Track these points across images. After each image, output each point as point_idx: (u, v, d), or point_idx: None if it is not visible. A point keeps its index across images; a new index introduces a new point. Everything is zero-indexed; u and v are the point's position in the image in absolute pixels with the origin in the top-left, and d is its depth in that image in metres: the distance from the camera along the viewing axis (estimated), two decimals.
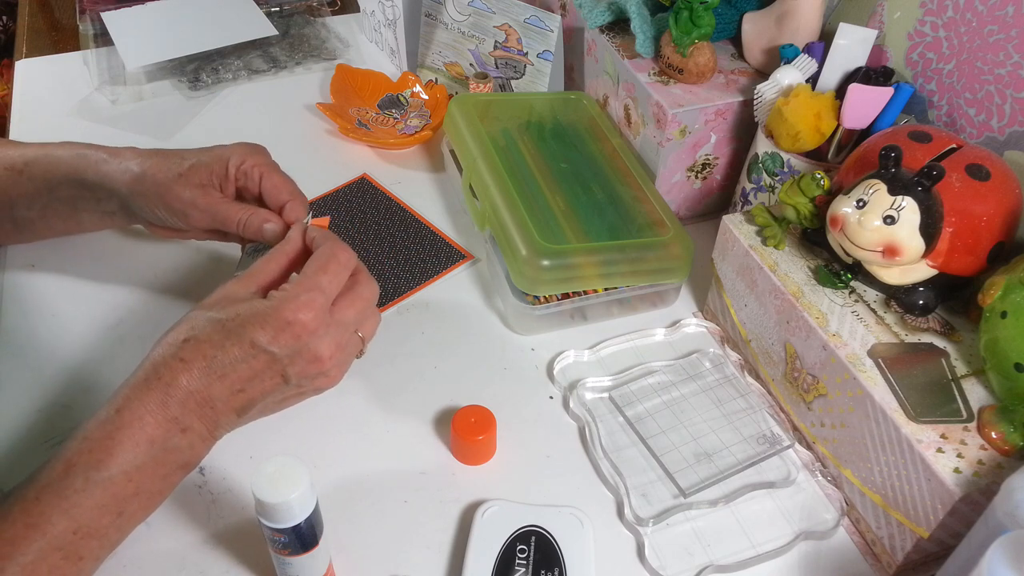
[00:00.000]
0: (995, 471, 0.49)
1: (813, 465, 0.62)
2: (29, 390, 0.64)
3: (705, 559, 0.56)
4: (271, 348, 0.50)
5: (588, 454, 0.63)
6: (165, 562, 0.55)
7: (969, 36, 0.65)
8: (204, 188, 0.62)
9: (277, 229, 0.61)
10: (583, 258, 0.68)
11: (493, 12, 0.89)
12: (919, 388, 0.53)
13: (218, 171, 0.62)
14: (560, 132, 0.83)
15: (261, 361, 0.50)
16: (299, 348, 0.51)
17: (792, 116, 0.67)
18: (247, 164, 0.62)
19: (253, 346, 0.50)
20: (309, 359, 0.51)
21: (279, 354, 0.50)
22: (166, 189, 0.61)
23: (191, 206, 0.61)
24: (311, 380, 0.53)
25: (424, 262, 0.77)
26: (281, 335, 0.50)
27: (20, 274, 0.74)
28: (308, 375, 0.52)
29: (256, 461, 0.60)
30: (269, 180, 0.62)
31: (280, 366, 0.51)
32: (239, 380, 0.50)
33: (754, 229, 0.65)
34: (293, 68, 1.02)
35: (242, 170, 0.63)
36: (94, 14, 1.04)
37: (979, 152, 0.57)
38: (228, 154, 0.63)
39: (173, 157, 0.63)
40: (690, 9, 0.73)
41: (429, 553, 0.56)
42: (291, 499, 0.45)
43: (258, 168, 0.63)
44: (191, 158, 0.63)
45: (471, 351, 0.70)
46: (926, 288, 0.57)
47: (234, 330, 0.50)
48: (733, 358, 0.70)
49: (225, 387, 0.50)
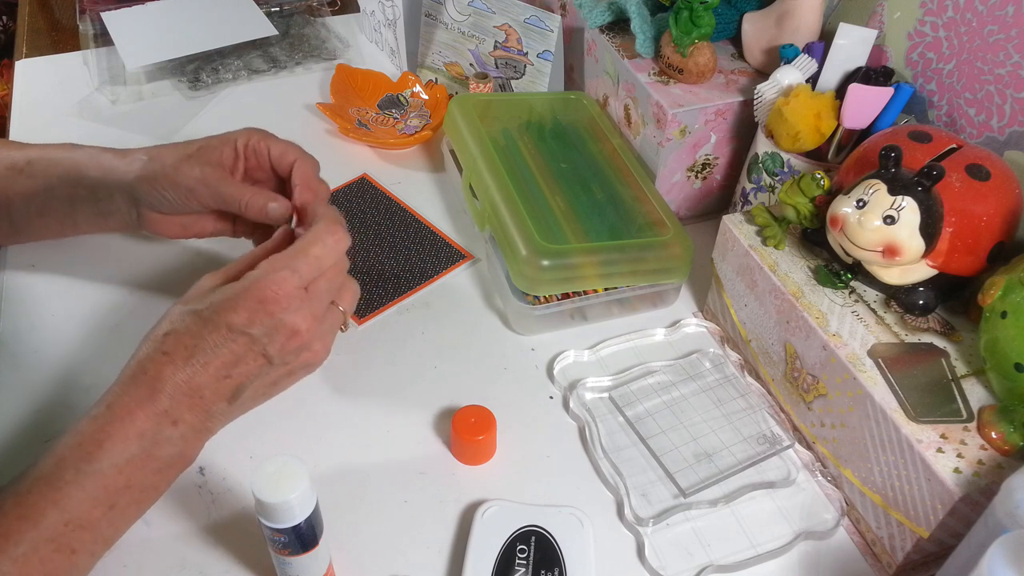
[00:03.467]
0: (995, 471, 0.49)
1: (813, 465, 0.62)
2: (29, 390, 0.64)
3: (705, 559, 0.56)
4: (248, 329, 0.51)
5: (588, 454, 0.63)
6: (165, 562, 0.55)
7: (969, 36, 0.65)
8: (213, 166, 0.63)
9: (281, 209, 0.61)
10: (583, 258, 0.68)
11: (493, 12, 0.89)
12: (919, 388, 0.53)
13: (227, 151, 0.63)
14: (560, 132, 0.83)
15: (240, 344, 0.51)
16: (275, 324, 0.51)
17: (792, 116, 0.67)
18: (254, 140, 0.64)
19: (230, 330, 0.51)
20: (287, 334, 0.52)
21: (256, 333, 0.51)
22: (175, 169, 0.62)
23: (200, 182, 0.62)
24: (295, 356, 0.53)
25: (424, 262, 0.77)
26: (255, 315, 0.51)
27: (20, 274, 0.74)
28: (290, 350, 0.53)
29: (256, 461, 0.60)
30: (276, 147, 0.64)
31: (260, 346, 0.51)
32: (223, 366, 0.51)
33: (754, 229, 0.65)
34: (293, 68, 1.02)
35: (250, 147, 0.64)
36: (94, 14, 1.04)
37: (979, 152, 0.57)
38: (235, 135, 0.64)
39: (182, 143, 0.64)
40: (690, 9, 0.73)
41: (429, 553, 0.56)
42: (291, 499, 0.45)
43: (264, 141, 0.64)
44: (200, 142, 0.64)
45: (471, 351, 0.70)
46: (926, 288, 0.57)
47: (209, 318, 0.51)
48: (733, 358, 0.70)
49: (210, 375, 0.51)
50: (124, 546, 0.55)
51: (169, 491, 0.58)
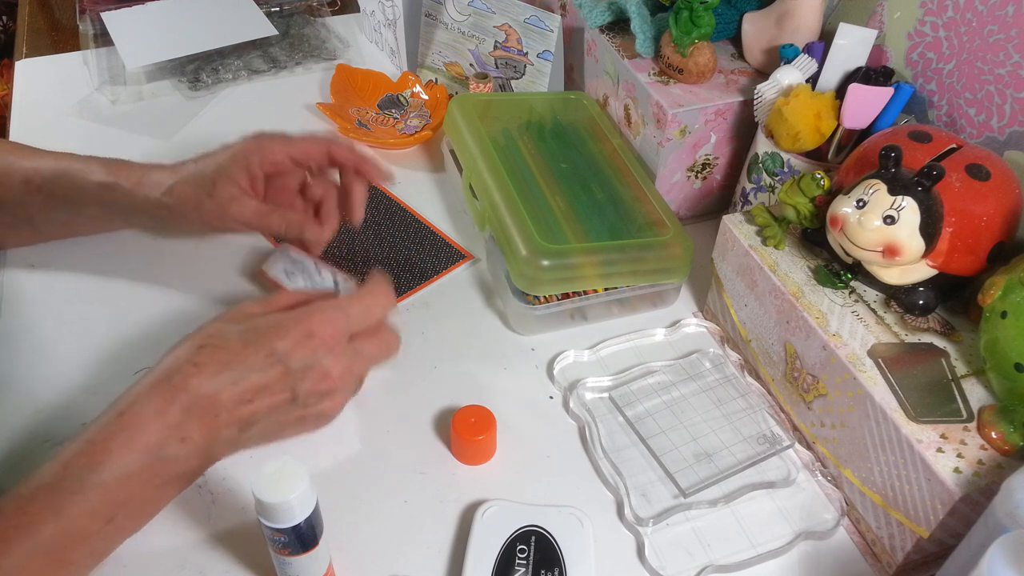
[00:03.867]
0: (995, 471, 0.49)
1: (813, 465, 0.62)
2: (29, 390, 0.64)
3: (705, 559, 0.56)
4: (288, 360, 0.50)
5: (588, 454, 0.63)
6: (165, 562, 0.55)
7: (969, 36, 0.65)
8: (238, 200, 0.64)
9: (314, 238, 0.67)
10: (583, 258, 0.68)
11: (493, 12, 0.89)
12: (919, 388, 0.53)
13: (243, 178, 0.64)
14: (560, 132, 0.83)
15: (276, 372, 0.50)
16: (313, 362, 0.51)
17: (792, 116, 0.67)
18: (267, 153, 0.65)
19: (271, 355, 0.50)
20: (320, 375, 0.51)
21: (294, 367, 0.50)
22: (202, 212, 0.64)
23: (232, 220, 0.64)
24: (317, 400, 0.53)
25: (424, 262, 0.77)
26: (299, 347, 0.50)
27: (20, 274, 0.74)
28: (316, 393, 0.52)
29: (256, 461, 0.60)
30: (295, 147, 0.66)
31: (292, 379, 0.51)
32: (250, 389, 0.50)
33: (754, 229, 0.65)
34: (293, 68, 1.02)
35: (269, 161, 0.65)
36: (94, 14, 1.04)
37: (979, 152, 0.57)
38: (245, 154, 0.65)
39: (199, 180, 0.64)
40: (690, 9, 0.73)
41: (429, 553, 0.56)
42: (291, 499, 0.45)
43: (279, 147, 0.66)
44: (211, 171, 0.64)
45: (471, 351, 0.70)
46: (926, 288, 0.57)
47: (254, 339, 0.50)
48: (733, 358, 0.70)
49: (235, 394, 0.49)
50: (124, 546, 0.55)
51: None
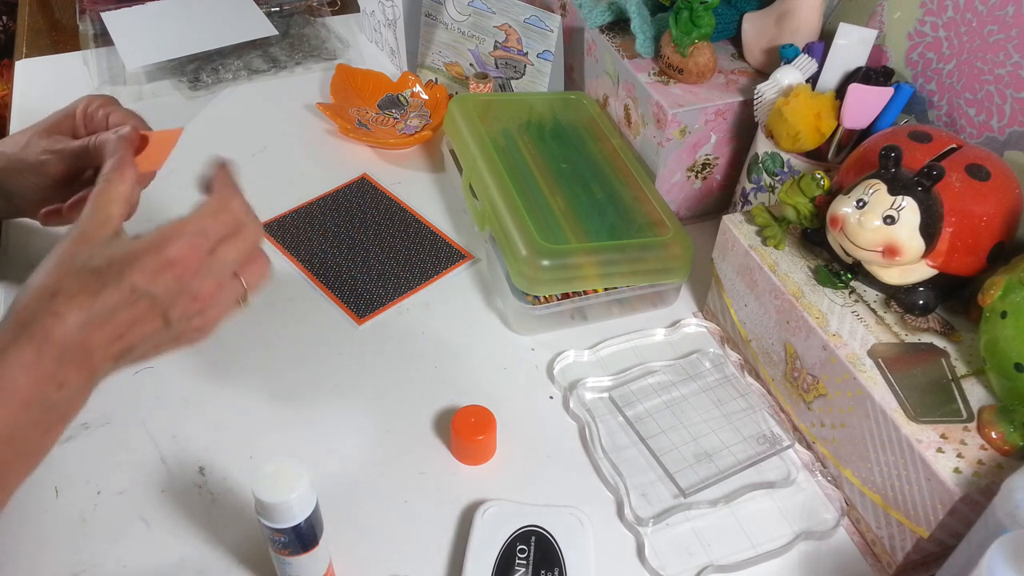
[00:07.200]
0: (995, 471, 0.49)
1: (813, 465, 0.62)
2: None
3: (705, 559, 0.56)
4: (152, 289, 0.48)
5: (588, 454, 0.63)
6: (165, 562, 0.55)
7: (969, 36, 0.65)
8: (55, 137, 0.64)
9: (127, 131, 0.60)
10: (583, 258, 0.68)
11: (493, 12, 0.89)
12: (919, 388, 0.53)
13: (65, 122, 0.65)
14: (560, 132, 0.83)
15: (142, 305, 0.48)
16: (180, 288, 0.49)
17: (792, 116, 0.67)
18: (92, 107, 0.64)
19: (133, 291, 0.48)
20: (189, 298, 0.49)
21: (160, 296, 0.48)
22: (24, 151, 0.64)
23: (47, 152, 0.63)
24: (189, 321, 0.51)
25: (424, 262, 0.77)
26: (161, 275, 0.48)
27: (20, 273, 0.74)
28: (188, 314, 0.50)
29: (256, 461, 0.60)
30: (116, 115, 0.64)
31: (162, 307, 0.49)
32: (120, 326, 0.48)
33: (754, 229, 0.65)
34: (293, 68, 1.02)
35: (88, 113, 0.64)
36: (94, 14, 1.04)
37: (979, 152, 0.57)
38: (75, 103, 0.65)
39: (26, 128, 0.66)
40: (690, 9, 0.73)
41: (429, 553, 0.56)
42: (291, 499, 0.45)
43: (103, 108, 0.64)
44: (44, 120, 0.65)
45: (471, 351, 0.70)
46: (926, 288, 0.57)
47: (111, 276, 0.48)
48: (733, 358, 0.70)
49: (105, 335, 0.47)
50: (124, 546, 0.55)
51: (169, 491, 0.58)
